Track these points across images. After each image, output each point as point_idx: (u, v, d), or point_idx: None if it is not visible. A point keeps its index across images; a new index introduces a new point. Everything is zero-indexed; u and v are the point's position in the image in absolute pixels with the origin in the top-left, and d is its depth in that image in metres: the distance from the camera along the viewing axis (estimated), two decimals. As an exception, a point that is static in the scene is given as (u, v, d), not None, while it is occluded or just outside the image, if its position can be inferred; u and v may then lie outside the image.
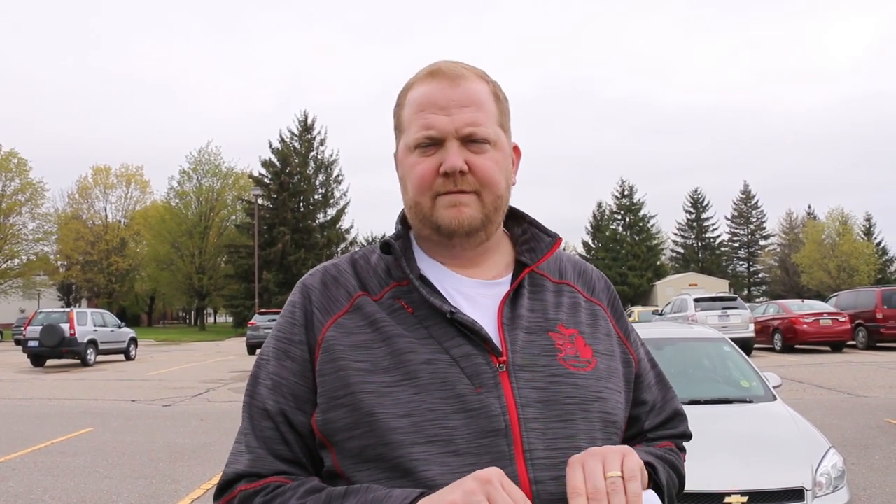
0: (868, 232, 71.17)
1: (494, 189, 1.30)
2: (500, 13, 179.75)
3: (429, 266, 1.36)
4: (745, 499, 4.35)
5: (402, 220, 1.42)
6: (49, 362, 24.53)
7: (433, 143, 1.28)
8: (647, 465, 1.25)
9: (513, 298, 1.33)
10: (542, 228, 1.44)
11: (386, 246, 1.35)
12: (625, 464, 1.10)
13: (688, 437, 1.52)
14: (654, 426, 1.46)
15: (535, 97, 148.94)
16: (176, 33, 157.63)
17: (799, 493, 4.45)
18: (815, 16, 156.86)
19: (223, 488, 1.29)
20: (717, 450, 4.70)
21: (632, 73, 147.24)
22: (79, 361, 24.00)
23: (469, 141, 1.28)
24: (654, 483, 1.27)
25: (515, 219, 1.46)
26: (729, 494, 4.35)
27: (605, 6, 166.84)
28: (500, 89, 1.38)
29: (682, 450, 1.50)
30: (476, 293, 1.33)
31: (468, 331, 1.25)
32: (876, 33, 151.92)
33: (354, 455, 1.22)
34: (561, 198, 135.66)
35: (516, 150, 1.43)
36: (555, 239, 1.41)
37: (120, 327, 27.11)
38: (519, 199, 1.47)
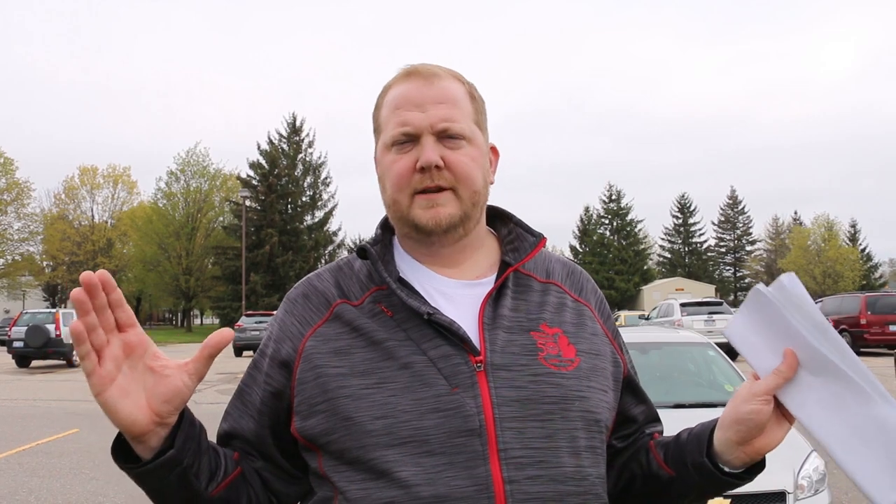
0: (853, 238, 71.64)
1: (471, 184, 1.32)
2: (494, 24, 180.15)
3: (410, 267, 1.38)
4: (727, 501, 4.40)
5: (384, 224, 1.44)
6: (34, 363, 24.40)
7: (409, 140, 1.31)
8: None
9: (495, 298, 1.33)
10: (527, 228, 1.45)
11: (362, 251, 1.37)
12: None
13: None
14: (644, 424, 1.49)
15: (530, 107, 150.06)
16: (166, 35, 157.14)
17: (781, 496, 4.50)
18: (805, 33, 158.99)
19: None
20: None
21: (622, 85, 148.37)
22: (64, 362, 23.90)
23: (444, 136, 1.30)
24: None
25: (502, 219, 1.48)
26: (711, 497, 4.40)
27: (599, 23, 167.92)
28: (475, 90, 1.40)
29: None
30: (457, 293, 1.35)
31: (446, 331, 1.26)
32: (862, 50, 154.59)
33: (336, 458, 1.25)
34: (550, 204, 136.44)
35: (494, 150, 1.45)
36: (539, 239, 1.42)
37: (106, 328, 26.95)
38: (508, 205, 1.50)
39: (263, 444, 1.34)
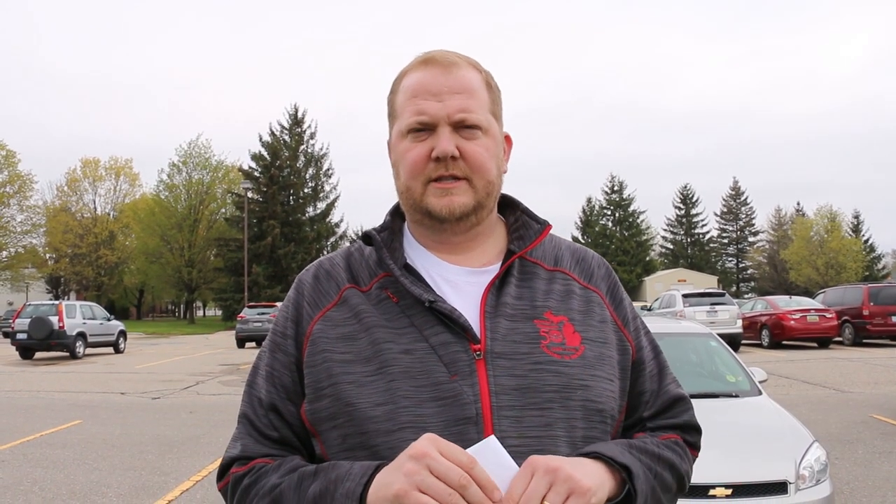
0: (856, 229, 71.53)
1: (485, 175, 1.32)
2: (498, 23, 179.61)
3: (417, 254, 1.38)
4: (729, 491, 4.41)
5: (394, 211, 1.44)
6: (38, 355, 24.43)
7: (425, 129, 1.30)
8: (625, 468, 1.21)
9: (499, 286, 1.33)
10: (533, 216, 1.44)
11: (367, 238, 1.38)
12: (568, 500, 1.08)
13: (695, 428, 1.47)
14: (653, 414, 1.42)
15: (534, 101, 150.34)
16: (169, 29, 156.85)
17: (782, 486, 4.51)
18: (809, 32, 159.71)
19: (220, 473, 1.36)
20: (702, 443, 4.74)
21: (628, 79, 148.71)
22: (68, 354, 23.93)
23: (461, 127, 1.30)
24: (626, 492, 1.22)
25: (510, 207, 1.47)
26: (714, 487, 4.41)
27: (608, 18, 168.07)
28: (492, 79, 1.40)
29: (693, 445, 1.46)
30: (462, 280, 1.35)
31: (448, 319, 1.26)
32: (867, 47, 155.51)
33: (338, 443, 1.26)
34: (553, 195, 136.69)
35: (508, 139, 1.45)
36: (544, 226, 1.42)
37: (109, 320, 27.01)
38: (517, 196, 1.49)
39: (304, 428, 1.33)
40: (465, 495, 1.04)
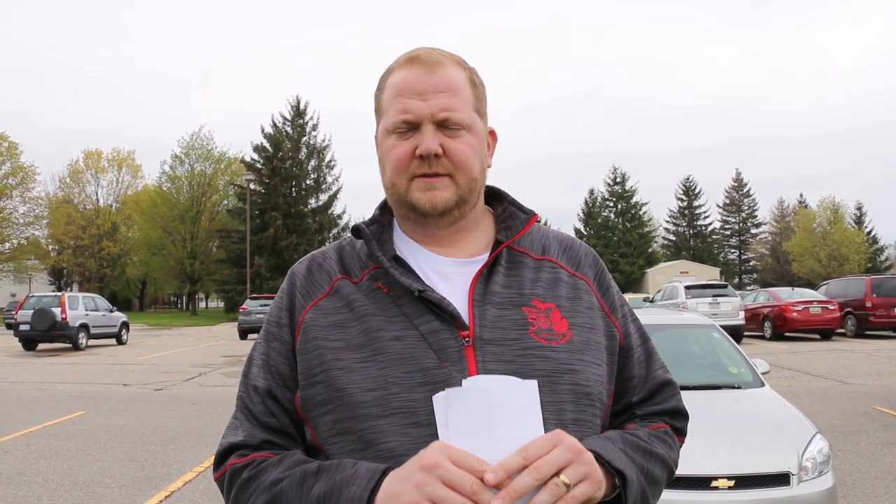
0: (859, 221, 71.46)
1: (468, 172, 1.35)
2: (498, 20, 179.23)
3: (407, 246, 1.42)
4: (731, 483, 4.41)
5: (383, 206, 1.48)
6: (41, 346, 24.48)
7: (410, 128, 1.33)
8: (620, 475, 1.22)
9: (487, 275, 1.36)
10: (519, 206, 1.48)
11: (356, 231, 1.42)
12: (578, 486, 1.09)
13: (682, 413, 1.50)
14: (641, 399, 1.45)
15: (540, 96, 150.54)
16: (171, 22, 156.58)
17: (785, 478, 4.50)
18: (809, 30, 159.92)
19: (219, 460, 1.38)
20: (704, 435, 4.74)
21: (633, 75, 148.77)
22: (70, 345, 23.98)
23: (444, 125, 1.32)
24: (617, 497, 1.23)
25: (498, 198, 1.50)
26: (716, 478, 4.41)
27: (613, 14, 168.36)
28: (476, 75, 1.42)
29: (680, 431, 1.48)
30: (451, 271, 1.38)
31: (437, 308, 1.29)
32: (869, 45, 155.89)
33: (328, 429, 1.29)
34: (557, 188, 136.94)
35: (493, 134, 1.48)
36: (530, 216, 1.45)
37: (111, 311, 27.03)
38: (519, 189, 1.50)
39: (300, 415, 1.35)
40: (479, 501, 1.04)
